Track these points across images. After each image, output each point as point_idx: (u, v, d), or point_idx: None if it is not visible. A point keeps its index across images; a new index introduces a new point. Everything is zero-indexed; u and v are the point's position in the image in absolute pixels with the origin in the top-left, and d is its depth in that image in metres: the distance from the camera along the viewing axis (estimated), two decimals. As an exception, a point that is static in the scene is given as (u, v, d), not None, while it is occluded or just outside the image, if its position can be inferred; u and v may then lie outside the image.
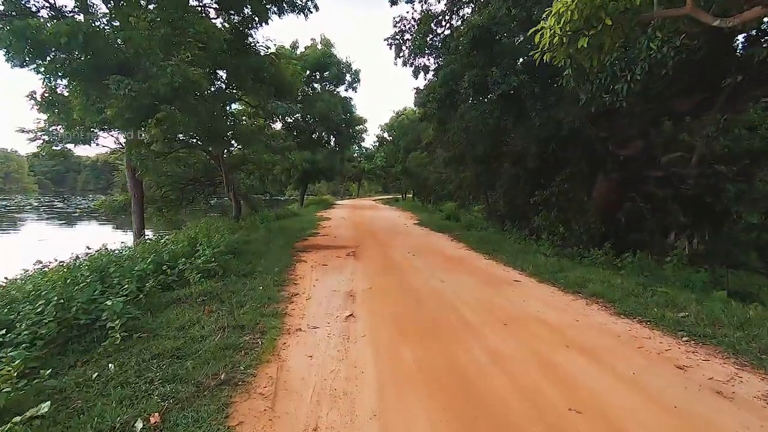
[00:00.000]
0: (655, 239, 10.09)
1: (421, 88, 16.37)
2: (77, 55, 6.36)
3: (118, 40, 6.61)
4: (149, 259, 5.95)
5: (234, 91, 10.60)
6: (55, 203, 46.40)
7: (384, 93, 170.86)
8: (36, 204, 44.95)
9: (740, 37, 7.88)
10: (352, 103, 30.02)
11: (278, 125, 26.61)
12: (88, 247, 6.56)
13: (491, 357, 3.50)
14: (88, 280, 4.60)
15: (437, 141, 15.98)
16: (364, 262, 7.93)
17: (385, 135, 42.95)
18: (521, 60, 8.05)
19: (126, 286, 4.66)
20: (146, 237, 9.32)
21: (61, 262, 5.77)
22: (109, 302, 3.80)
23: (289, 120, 28.66)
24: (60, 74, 6.52)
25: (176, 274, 5.75)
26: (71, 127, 8.78)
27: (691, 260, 7.97)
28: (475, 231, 14.05)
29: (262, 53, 10.32)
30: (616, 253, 8.31)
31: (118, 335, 3.50)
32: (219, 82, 11.07)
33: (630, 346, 3.78)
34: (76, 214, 33.81)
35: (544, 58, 4.55)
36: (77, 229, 25.41)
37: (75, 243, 7.84)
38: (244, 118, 15.99)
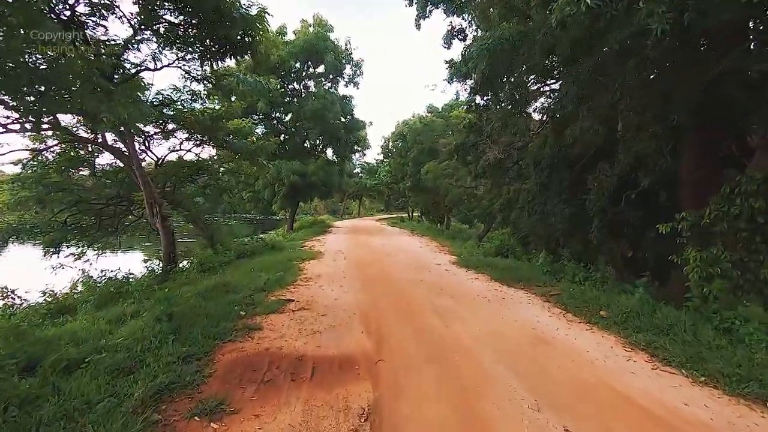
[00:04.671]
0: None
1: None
2: None
3: None
4: None
5: None
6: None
7: (385, 105, 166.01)
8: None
9: None
10: (353, 103, 24.34)
11: (259, 130, 20.98)
12: None
13: None
14: None
15: (493, 127, 10.05)
16: None
17: (390, 146, 37.25)
18: None
19: None
20: None
21: None
22: None
23: (278, 125, 22.92)
24: None
25: None
26: None
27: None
28: (570, 281, 8.00)
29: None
30: None
31: None
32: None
33: None
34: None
35: None
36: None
37: None
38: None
